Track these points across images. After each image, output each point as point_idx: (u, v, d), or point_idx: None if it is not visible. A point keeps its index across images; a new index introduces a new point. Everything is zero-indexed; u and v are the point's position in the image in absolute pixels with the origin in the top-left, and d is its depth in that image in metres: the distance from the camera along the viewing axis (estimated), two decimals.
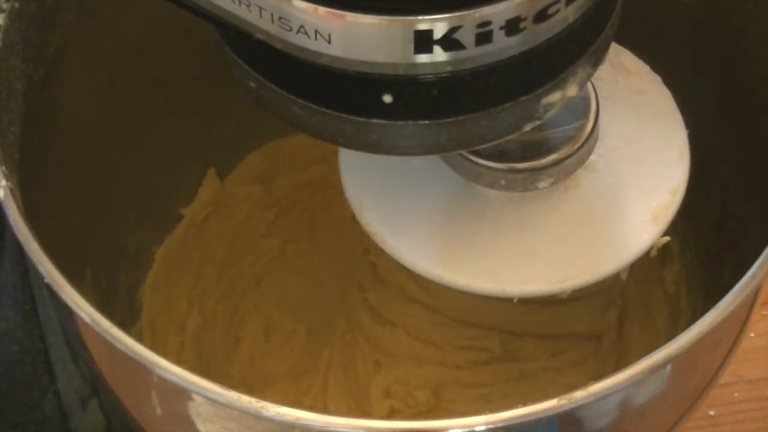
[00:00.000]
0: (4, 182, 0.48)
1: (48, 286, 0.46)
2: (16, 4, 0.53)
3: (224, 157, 0.74)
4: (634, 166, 0.53)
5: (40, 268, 0.46)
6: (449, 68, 0.39)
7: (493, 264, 0.50)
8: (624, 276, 0.61)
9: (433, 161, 0.51)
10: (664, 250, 0.68)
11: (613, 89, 0.54)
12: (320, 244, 0.73)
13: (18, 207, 0.47)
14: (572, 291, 0.51)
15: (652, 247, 0.51)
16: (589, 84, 0.50)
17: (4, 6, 0.52)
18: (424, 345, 0.66)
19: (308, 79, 0.41)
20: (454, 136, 0.42)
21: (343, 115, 0.42)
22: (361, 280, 0.69)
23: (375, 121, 0.42)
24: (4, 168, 0.49)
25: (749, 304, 0.52)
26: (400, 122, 0.42)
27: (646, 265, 0.68)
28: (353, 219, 0.53)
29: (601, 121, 0.50)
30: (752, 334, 0.71)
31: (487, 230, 0.51)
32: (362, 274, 0.69)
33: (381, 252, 0.52)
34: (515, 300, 0.52)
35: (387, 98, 0.40)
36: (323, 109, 0.42)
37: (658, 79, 0.55)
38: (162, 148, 0.69)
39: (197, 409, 0.45)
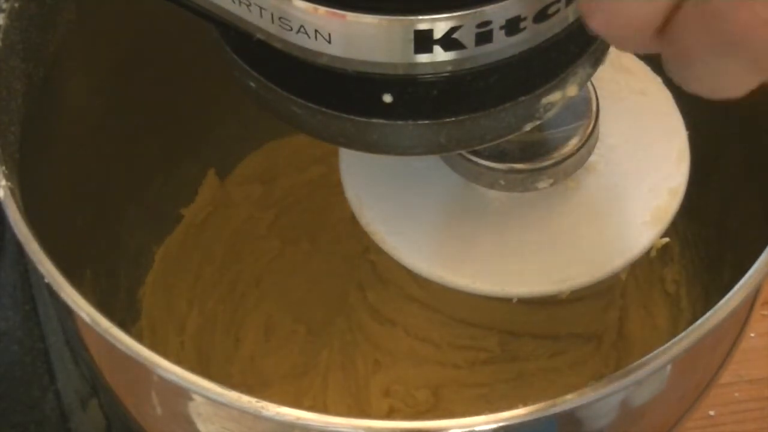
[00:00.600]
0: (4, 182, 0.48)
1: (48, 286, 0.46)
2: (16, 4, 0.53)
3: (224, 157, 0.74)
4: (634, 167, 0.52)
5: (40, 268, 0.45)
6: (449, 68, 0.39)
7: (492, 264, 0.50)
8: (624, 276, 0.61)
9: (433, 161, 0.51)
10: (664, 250, 0.68)
11: (613, 89, 0.54)
12: (320, 244, 0.73)
13: (18, 207, 0.47)
14: (572, 291, 0.51)
15: (651, 248, 0.51)
16: (589, 84, 0.50)
17: (4, 6, 0.52)
18: (424, 344, 0.66)
19: (308, 79, 0.41)
20: (454, 136, 0.42)
21: (344, 115, 0.42)
22: (360, 279, 0.69)
23: (375, 120, 0.42)
24: (4, 168, 0.49)
25: (749, 304, 0.52)
26: (400, 122, 0.42)
27: (646, 265, 0.68)
28: (353, 219, 0.53)
29: (601, 122, 0.50)
30: (752, 334, 0.71)
31: (487, 230, 0.51)
32: (362, 273, 0.69)
33: (380, 251, 0.52)
34: (515, 300, 0.52)
35: (387, 98, 0.40)
36: (323, 109, 0.42)
37: (658, 79, 0.55)
38: (162, 148, 0.69)
39: (197, 409, 0.45)
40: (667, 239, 0.53)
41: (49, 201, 0.55)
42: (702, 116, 0.56)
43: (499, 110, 0.42)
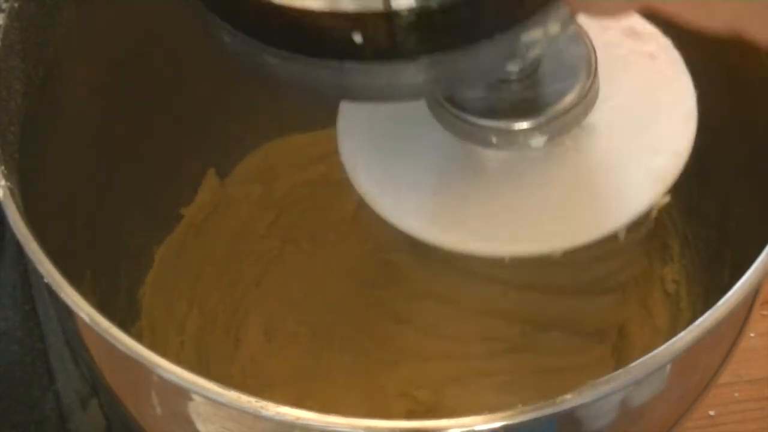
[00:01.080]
0: (4, 182, 0.48)
1: (48, 286, 0.46)
2: (16, 4, 0.53)
3: (224, 157, 0.74)
4: (638, 128, 0.51)
5: (40, 268, 0.46)
6: (418, 2, 0.38)
7: (485, 224, 0.49)
8: (622, 235, 0.58)
9: (427, 122, 0.50)
10: (664, 249, 0.68)
11: (621, 53, 0.52)
12: (320, 244, 0.73)
13: (18, 207, 0.47)
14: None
15: (652, 209, 0.50)
16: (588, 42, 0.49)
17: (4, 6, 0.52)
18: (430, 340, 0.66)
19: (279, 25, 0.39)
20: (433, 76, 0.41)
21: (317, 60, 0.40)
22: (370, 278, 0.69)
23: (349, 64, 0.40)
24: (4, 168, 0.49)
25: (749, 304, 0.52)
26: (375, 64, 0.40)
27: (646, 264, 0.68)
28: (354, 218, 0.53)
29: (607, 85, 0.49)
30: (752, 334, 0.71)
31: (480, 191, 0.50)
32: (372, 272, 0.69)
33: (391, 249, 0.51)
34: (507, 260, 0.50)
35: (357, 38, 0.39)
36: (296, 55, 0.40)
37: (668, 42, 0.53)
38: (162, 148, 0.69)
39: (197, 409, 0.45)
40: (668, 198, 0.51)
41: (49, 201, 0.55)
42: (702, 116, 0.56)
43: (476, 47, 0.40)
